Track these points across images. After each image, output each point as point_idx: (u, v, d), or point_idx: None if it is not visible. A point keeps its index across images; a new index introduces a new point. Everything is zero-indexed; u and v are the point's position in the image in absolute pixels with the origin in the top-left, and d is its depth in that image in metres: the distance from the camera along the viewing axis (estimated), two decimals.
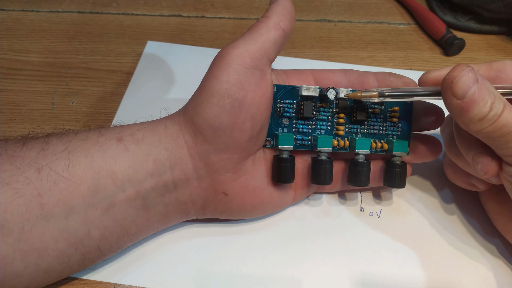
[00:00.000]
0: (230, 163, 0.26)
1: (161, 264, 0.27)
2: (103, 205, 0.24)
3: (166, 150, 0.25)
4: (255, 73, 0.25)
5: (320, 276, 0.27)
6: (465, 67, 0.22)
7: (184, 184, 0.26)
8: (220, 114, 0.25)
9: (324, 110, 0.28)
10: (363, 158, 0.28)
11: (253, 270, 0.27)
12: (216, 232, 0.29)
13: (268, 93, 0.26)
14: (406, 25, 0.45)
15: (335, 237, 0.29)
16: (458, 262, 0.28)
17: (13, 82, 0.38)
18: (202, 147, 0.25)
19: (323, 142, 0.27)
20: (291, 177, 0.27)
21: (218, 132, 0.25)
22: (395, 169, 0.28)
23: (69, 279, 0.27)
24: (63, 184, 0.23)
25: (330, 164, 0.28)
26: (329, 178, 0.28)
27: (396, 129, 0.29)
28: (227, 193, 0.27)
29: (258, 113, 0.26)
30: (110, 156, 0.24)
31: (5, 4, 0.45)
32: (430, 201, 0.31)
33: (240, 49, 0.25)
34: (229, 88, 0.25)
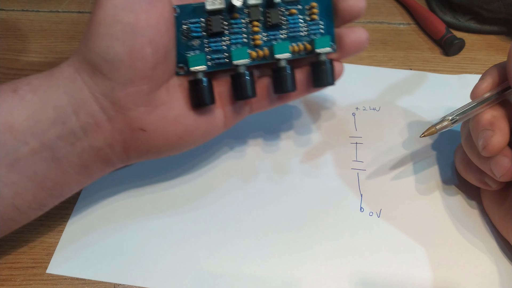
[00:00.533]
0: (139, 96, 0.24)
1: (161, 264, 0.27)
2: (7, 162, 0.22)
3: (66, 94, 0.23)
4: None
5: (320, 276, 0.27)
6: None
7: (95, 129, 0.24)
8: (112, 44, 0.22)
9: (235, 22, 0.27)
10: (285, 63, 0.27)
11: (253, 270, 0.27)
12: (216, 232, 0.29)
13: (166, 13, 0.24)
14: (406, 25, 0.45)
15: (335, 237, 0.29)
16: (459, 262, 0.28)
17: None
18: (103, 84, 0.23)
19: (238, 54, 0.26)
20: (209, 99, 0.26)
21: (115, 64, 0.23)
22: (321, 66, 0.27)
23: (68, 279, 0.27)
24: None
25: (250, 76, 0.26)
26: (251, 91, 0.26)
27: (317, 27, 0.28)
28: (145, 128, 0.25)
29: (157, 36, 0.23)
30: (6, 108, 0.22)
31: (5, 4, 0.45)
32: (431, 201, 0.31)
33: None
34: (116, 13, 0.22)
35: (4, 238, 0.28)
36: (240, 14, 0.27)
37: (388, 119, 0.36)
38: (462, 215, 0.30)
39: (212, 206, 0.30)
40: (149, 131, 0.25)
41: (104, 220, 0.29)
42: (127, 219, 0.30)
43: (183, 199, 0.31)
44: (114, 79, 0.23)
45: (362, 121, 0.36)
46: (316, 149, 0.34)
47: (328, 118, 0.36)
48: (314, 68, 0.27)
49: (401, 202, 0.31)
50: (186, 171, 0.32)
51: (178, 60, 0.26)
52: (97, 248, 0.28)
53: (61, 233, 0.29)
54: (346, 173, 0.32)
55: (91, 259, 0.28)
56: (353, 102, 0.37)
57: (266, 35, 0.27)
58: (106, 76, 0.23)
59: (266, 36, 0.27)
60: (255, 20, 0.27)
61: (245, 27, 0.27)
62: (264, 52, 0.27)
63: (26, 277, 0.27)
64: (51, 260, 0.27)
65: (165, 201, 0.31)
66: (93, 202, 0.30)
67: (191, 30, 0.26)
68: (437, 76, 0.39)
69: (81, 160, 0.24)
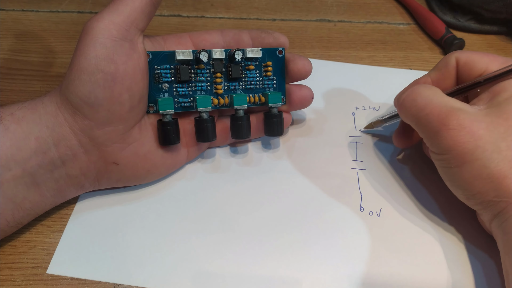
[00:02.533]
0: (115, 135, 0.27)
1: (161, 264, 0.27)
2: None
3: (47, 128, 0.25)
4: (124, 44, 0.25)
5: (320, 275, 0.27)
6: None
7: (72, 159, 0.26)
8: (94, 90, 0.25)
9: (201, 72, 0.30)
10: (243, 113, 0.30)
11: (253, 270, 0.27)
12: (216, 232, 0.29)
13: (142, 63, 0.27)
14: (406, 25, 0.45)
15: (335, 237, 0.29)
16: (459, 262, 0.28)
17: (12, 82, 0.38)
18: (83, 123, 0.26)
19: (202, 102, 0.29)
20: (175, 138, 0.29)
21: (95, 108, 0.25)
22: (272, 119, 0.31)
23: (68, 279, 0.27)
24: None
25: (212, 122, 0.29)
26: (212, 135, 0.30)
27: (271, 82, 0.31)
28: (118, 162, 0.28)
29: (133, 83, 0.26)
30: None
31: (5, 4, 0.45)
32: (431, 200, 0.31)
33: (105, 21, 0.25)
34: (98, 63, 0.25)
35: (4, 239, 0.28)
36: (206, 65, 0.30)
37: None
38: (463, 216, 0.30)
39: (212, 206, 0.30)
40: (121, 165, 0.28)
41: (104, 220, 0.29)
42: (127, 219, 0.30)
43: (183, 200, 0.31)
44: (93, 120, 0.26)
45: (362, 121, 0.36)
46: (316, 148, 0.34)
47: (328, 118, 0.36)
48: (266, 119, 0.31)
49: (401, 202, 0.31)
50: (186, 171, 0.32)
51: (149, 100, 0.29)
52: (97, 248, 0.28)
53: (61, 234, 0.29)
54: (346, 173, 0.32)
55: (91, 260, 0.28)
56: (353, 101, 0.37)
57: (227, 85, 0.31)
58: (86, 116, 0.26)
59: (227, 86, 0.31)
60: (218, 72, 0.30)
61: (209, 77, 0.30)
62: (224, 100, 0.30)
63: (26, 277, 0.27)
64: (51, 260, 0.27)
65: (165, 202, 0.30)
66: (93, 202, 0.30)
67: (162, 76, 0.29)
68: None
69: (57, 185, 0.27)
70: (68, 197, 0.29)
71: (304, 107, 0.33)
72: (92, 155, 0.27)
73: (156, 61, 0.29)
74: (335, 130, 0.35)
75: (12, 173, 0.25)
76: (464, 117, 0.25)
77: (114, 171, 0.28)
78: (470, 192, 0.25)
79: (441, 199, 0.31)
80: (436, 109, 0.26)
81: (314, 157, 0.33)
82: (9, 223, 0.26)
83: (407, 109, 0.27)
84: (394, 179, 0.32)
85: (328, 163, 0.33)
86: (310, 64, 0.31)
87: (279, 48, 0.31)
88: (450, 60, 0.29)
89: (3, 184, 0.25)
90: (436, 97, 0.26)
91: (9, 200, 0.25)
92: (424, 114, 0.26)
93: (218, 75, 0.30)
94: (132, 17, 0.26)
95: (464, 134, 0.24)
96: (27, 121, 0.25)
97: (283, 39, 0.31)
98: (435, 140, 0.25)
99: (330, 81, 0.39)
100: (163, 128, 0.28)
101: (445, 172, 0.26)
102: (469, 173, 0.24)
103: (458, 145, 0.24)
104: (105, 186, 0.29)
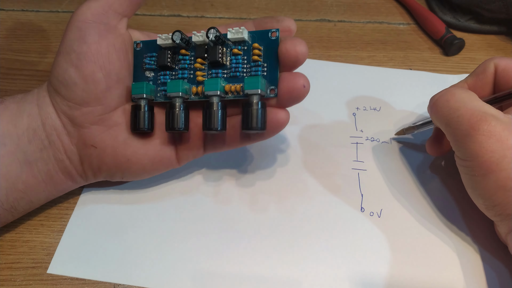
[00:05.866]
0: (93, 116, 0.27)
1: (161, 264, 0.27)
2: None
3: (38, 106, 0.27)
4: (98, 26, 0.26)
5: (320, 276, 0.27)
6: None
7: (57, 140, 0.27)
8: (67, 69, 0.26)
9: (183, 58, 0.28)
10: (217, 100, 0.26)
11: (253, 270, 0.27)
12: (215, 232, 0.29)
13: (118, 44, 0.27)
14: (406, 25, 0.45)
15: (336, 237, 0.29)
16: (460, 262, 0.28)
17: (12, 82, 0.38)
18: (62, 103, 0.27)
19: (172, 86, 0.26)
20: (145, 125, 0.27)
21: (70, 87, 0.26)
22: (248, 108, 0.25)
23: (68, 279, 0.27)
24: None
25: (185, 110, 0.27)
26: (183, 124, 0.27)
27: (260, 69, 0.26)
28: (96, 145, 0.28)
29: (107, 62, 0.27)
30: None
31: (5, 4, 0.45)
32: (432, 201, 0.31)
33: (83, 8, 0.26)
34: (71, 44, 0.26)
35: (4, 238, 0.28)
36: (190, 51, 0.28)
37: (389, 119, 0.36)
38: (464, 217, 0.30)
39: (212, 206, 0.30)
40: (100, 149, 0.28)
41: (104, 220, 0.29)
42: (127, 219, 0.30)
43: (183, 200, 0.31)
44: (70, 100, 0.27)
45: (362, 121, 0.36)
46: (317, 149, 0.34)
47: (329, 118, 0.36)
48: (243, 109, 0.26)
49: (402, 202, 0.31)
50: (186, 172, 0.32)
51: None
52: (97, 248, 0.28)
53: (61, 234, 0.29)
54: (347, 173, 0.32)
55: (91, 259, 0.28)
56: (353, 102, 0.37)
57: (210, 72, 0.27)
58: (63, 97, 0.27)
59: (210, 74, 0.27)
60: (200, 57, 0.27)
61: (192, 64, 0.28)
62: (202, 89, 0.27)
63: (26, 277, 0.27)
64: (52, 260, 0.27)
65: (165, 202, 0.30)
66: (93, 202, 0.30)
67: (146, 62, 0.28)
68: (437, 76, 0.39)
69: (47, 168, 0.27)
70: (60, 188, 0.28)
71: (295, 100, 0.26)
72: (73, 137, 0.27)
73: (145, 50, 0.28)
74: (336, 131, 0.35)
75: (7, 149, 0.26)
76: (496, 124, 0.24)
77: (93, 155, 0.28)
78: (491, 202, 0.24)
79: (442, 200, 0.31)
80: (468, 112, 0.25)
81: (315, 157, 0.33)
82: (3, 205, 0.26)
83: (439, 110, 0.27)
84: (395, 179, 0.32)
85: (329, 164, 0.33)
86: (302, 45, 0.25)
87: (272, 30, 0.26)
88: (488, 66, 0.28)
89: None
90: (470, 101, 0.25)
91: (3, 178, 0.26)
92: (455, 116, 0.25)
93: (199, 61, 0.27)
94: (109, 1, 0.27)
95: (493, 141, 0.23)
96: (24, 101, 0.27)
97: (287, 22, 0.27)
98: (463, 145, 0.25)
99: (330, 82, 0.39)
100: (133, 112, 0.27)
101: (468, 180, 0.26)
102: (493, 183, 0.24)
103: (485, 153, 0.24)
104: (91, 176, 0.29)
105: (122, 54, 0.28)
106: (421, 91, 0.38)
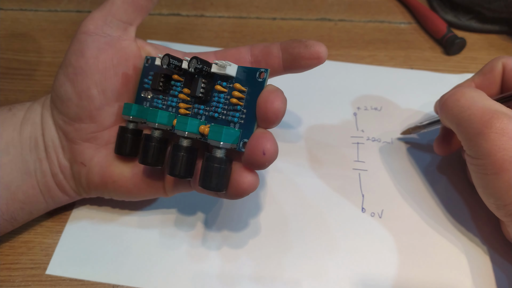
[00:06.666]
0: (85, 133, 0.26)
1: (161, 265, 0.27)
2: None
3: (41, 116, 0.27)
4: (98, 39, 0.25)
5: (321, 276, 0.27)
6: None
7: (53, 153, 0.27)
8: (64, 83, 0.25)
9: (175, 84, 0.25)
10: (187, 143, 0.23)
11: (253, 270, 0.27)
12: (216, 232, 0.29)
13: (117, 59, 0.26)
14: (407, 24, 0.45)
15: (337, 238, 0.29)
16: (461, 263, 0.28)
17: (11, 81, 0.38)
18: (57, 117, 0.26)
19: (151, 115, 0.24)
20: (128, 149, 0.26)
21: (65, 102, 0.26)
22: (208, 163, 0.21)
23: (67, 280, 0.26)
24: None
25: (160, 143, 0.24)
26: (156, 160, 0.24)
27: (237, 115, 0.22)
28: (85, 163, 0.27)
29: (104, 79, 0.25)
30: (0, 121, 0.26)
31: (4, 4, 0.45)
32: (432, 201, 0.31)
33: (87, 19, 0.26)
34: (69, 57, 0.25)
35: (3, 239, 0.27)
36: (184, 77, 0.25)
37: (390, 118, 0.36)
38: (464, 217, 0.30)
39: (212, 206, 0.30)
40: (88, 167, 0.27)
41: (103, 221, 0.29)
42: (126, 220, 0.29)
43: (183, 200, 0.30)
44: (65, 114, 0.26)
45: (363, 121, 0.35)
46: (317, 149, 0.34)
47: (330, 118, 0.36)
48: (203, 161, 0.22)
49: (403, 203, 0.30)
50: None
51: None
52: (96, 249, 0.28)
53: (60, 234, 0.29)
54: (348, 174, 0.32)
55: (90, 260, 0.27)
56: (354, 101, 0.37)
57: (196, 107, 0.24)
58: (59, 110, 0.26)
59: (196, 109, 0.24)
60: (186, 87, 0.25)
61: (182, 92, 0.25)
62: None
63: (25, 278, 0.27)
64: (50, 261, 0.27)
65: (165, 202, 0.30)
66: (92, 203, 0.30)
67: (145, 82, 0.27)
68: (438, 75, 0.39)
69: (45, 180, 0.27)
70: (58, 201, 0.28)
71: (256, 166, 0.22)
72: (66, 152, 0.27)
73: (151, 67, 0.26)
74: (337, 131, 0.35)
75: (10, 158, 0.26)
76: (508, 122, 0.23)
77: (81, 173, 0.27)
78: (503, 202, 0.24)
79: (446, 200, 0.31)
80: (479, 110, 0.24)
81: (316, 157, 0.33)
82: (3, 215, 0.26)
83: (449, 110, 0.26)
84: (396, 180, 0.32)
85: (330, 164, 0.33)
86: (280, 101, 0.21)
87: (260, 70, 0.22)
88: (496, 65, 0.28)
89: (1, 168, 0.25)
90: (481, 99, 0.25)
91: (4, 187, 0.25)
92: (466, 115, 0.25)
93: (185, 91, 0.24)
94: (112, 10, 0.25)
95: (506, 140, 0.23)
96: (30, 109, 0.27)
97: (318, 47, 0.24)
98: (475, 143, 0.24)
99: (331, 81, 0.38)
100: (119, 134, 0.26)
101: (479, 179, 0.25)
102: (505, 182, 0.23)
103: (498, 151, 0.23)
104: (82, 192, 0.28)
105: (121, 69, 0.26)
106: (423, 91, 0.37)
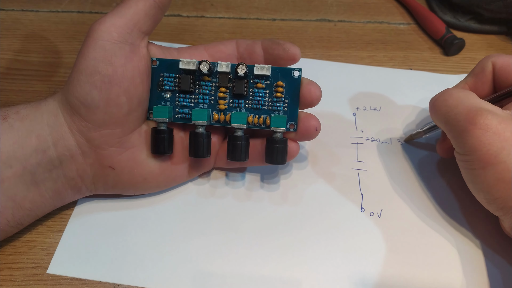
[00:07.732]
0: (112, 138, 0.27)
1: (161, 264, 0.27)
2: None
3: (48, 126, 0.26)
4: (124, 47, 0.25)
5: (321, 276, 0.27)
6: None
7: (70, 160, 0.26)
8: (90, 92, 0.25)
9: (205, 84, 0.28)
10: (241, 133, 0.28)
11: (253, 270, 0.27)
12: (216, 232, 0.29)
13: (142, 66, 0.27)
14: (406, 25, 0.45)
15: (336, 237, 0.29)
16: (460, 263, 0.28)
17: (12, 82, 0.38)
18: (80, 124, 0.26)
19: (197, 115, 0.27)
20: (166, 148, 0.28)
21: (92, 110, 0.25)
22: (274, 145, 0.28)
23: (68, 279, 0.27)
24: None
25: (207, 138, 0.28)
26: (206, 152, 0.28)
27: (281, 104, 0.28)
28: (114, 167, 0.27)
29: (132, 86, 0.26)
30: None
31: (5, 4, 0.45)
32: (431, 201, 0.31)
33: (106, 24, 0.25)
34: (96, 65, 0.25)
35: (4, 239, 0.28)
36: (212, 77, 0.28)
37: (389, 118, 0.36)
38: (464, 216, 0.30)
39: (212, 206, 0.30)
40: (117, 170, 0.28)
41: (104, 220, 0.29)
42: (127, 219, 0.29)
43: (183, 200, 0.31)
44: (90, 122, 0.26)
45: (363, 121, 0.36)
46: (317, 149, 0.34)
47: (329, 118, 0.36)
48: (268, 144, 0.28)
49: (402, 202, 0.31)
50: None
51: (150, 107, 0.29)
52: (97, 248, 0.28)
53: (61, 234, 0.29)
54: (347, 173, 0.32)
55: (91, 260, 0.27)
56: (353, 102, 0.37)
57: (232, 101, 0.28)
58: (83, 118, 0.26)
59: (232, 103, 0.28)
60: (223, 86, 0.28)
61: (214, 90, 0.28)
62: (225, 117, 0.28)
63: (26, 277, 0.27)
64: (52, 260, 0.27)
65: (165, 202, 0.30)
66: (93, 202, 0.30)
67: (164, 83, 0.28)
68: (437, 76, 0.39)
69: (56, 186, 0.27)
70: (66, 201, 0.28)
71: (308, 139, 0.29)
72: (88, 158, 0.27)
73: (162, 68, 0.28)
74: (336, 131, 0.35)
75: (13, 171, 0.25)
76: (492, 118, 0.24)
77: (110, 175, 0.28)
78: (491, 196, 0.25)
79: (443, 199, 0.31)
80: (465, 109, 0.25)
81: (315, 157, 0.33)
82: (9, 223, 0.26)
83: (437, 109, 0.27)
84: (396, 179, 0.32)
85: (329, 164, 0.33)
86: (319, 90, 0.28)
87: (295, 69, 0.28)
88: (486, 65, 0.29)
89: (4, 181, 0.25)
90: (468, 99, 0.26)
91: (9, 199, 0.25)
92: (453, 114, 0.26)
93: (222, 90, 0.28)
94: (134, 19, 0.26)
95: (490, 135, 0.24)
96: (30, 119, 0.26)
97: (293, 50, 0.28)
98: (461, 139, 0.25)
99: (331, 82, 0.39)
100: (155, 135, 0.28)
101: (468, 174, 0.26)
102: (492, 176, 0.24)
103: (483, 146, 0.24)
104: (101, 191, 0.29)
105: (145, 77, 0.27)
106: (421, 91, 0.38)
